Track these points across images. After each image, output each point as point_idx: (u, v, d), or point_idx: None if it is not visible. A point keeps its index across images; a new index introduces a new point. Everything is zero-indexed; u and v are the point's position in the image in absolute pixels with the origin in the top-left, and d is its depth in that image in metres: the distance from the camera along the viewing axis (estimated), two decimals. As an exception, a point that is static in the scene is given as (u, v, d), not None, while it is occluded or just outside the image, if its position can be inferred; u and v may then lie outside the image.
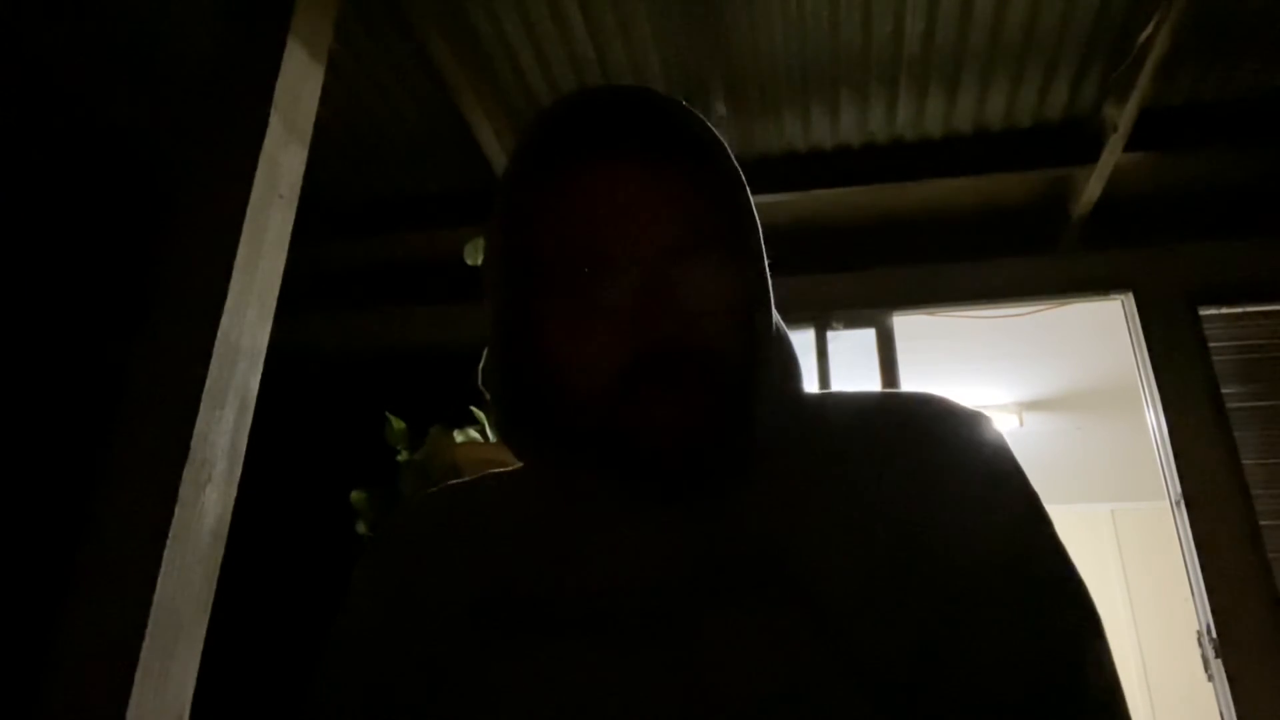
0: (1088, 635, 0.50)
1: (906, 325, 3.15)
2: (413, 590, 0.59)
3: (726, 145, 0.57)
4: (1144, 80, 2.29)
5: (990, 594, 0.50)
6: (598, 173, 0.55)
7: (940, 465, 0.54)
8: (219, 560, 1.41)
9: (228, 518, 1.43)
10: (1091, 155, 2.66)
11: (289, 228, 1.64)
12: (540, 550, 0.57)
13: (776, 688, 0.46)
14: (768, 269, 0.56)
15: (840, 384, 3.07)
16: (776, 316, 0.57)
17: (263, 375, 1.54)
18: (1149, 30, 2.19)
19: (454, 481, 0.68)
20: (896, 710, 0.46)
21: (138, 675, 1.21)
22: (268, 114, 1.59)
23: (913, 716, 0.47)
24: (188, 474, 1.34)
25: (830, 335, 3.09)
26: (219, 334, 1.43)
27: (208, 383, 1.39)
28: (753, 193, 0.58)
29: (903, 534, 0.51)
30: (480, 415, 2.00)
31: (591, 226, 0.54)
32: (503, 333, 0.58)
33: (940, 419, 0.57)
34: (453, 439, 1.86)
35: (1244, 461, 2.73)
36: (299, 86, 1.69)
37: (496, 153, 2.62)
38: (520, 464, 0.66)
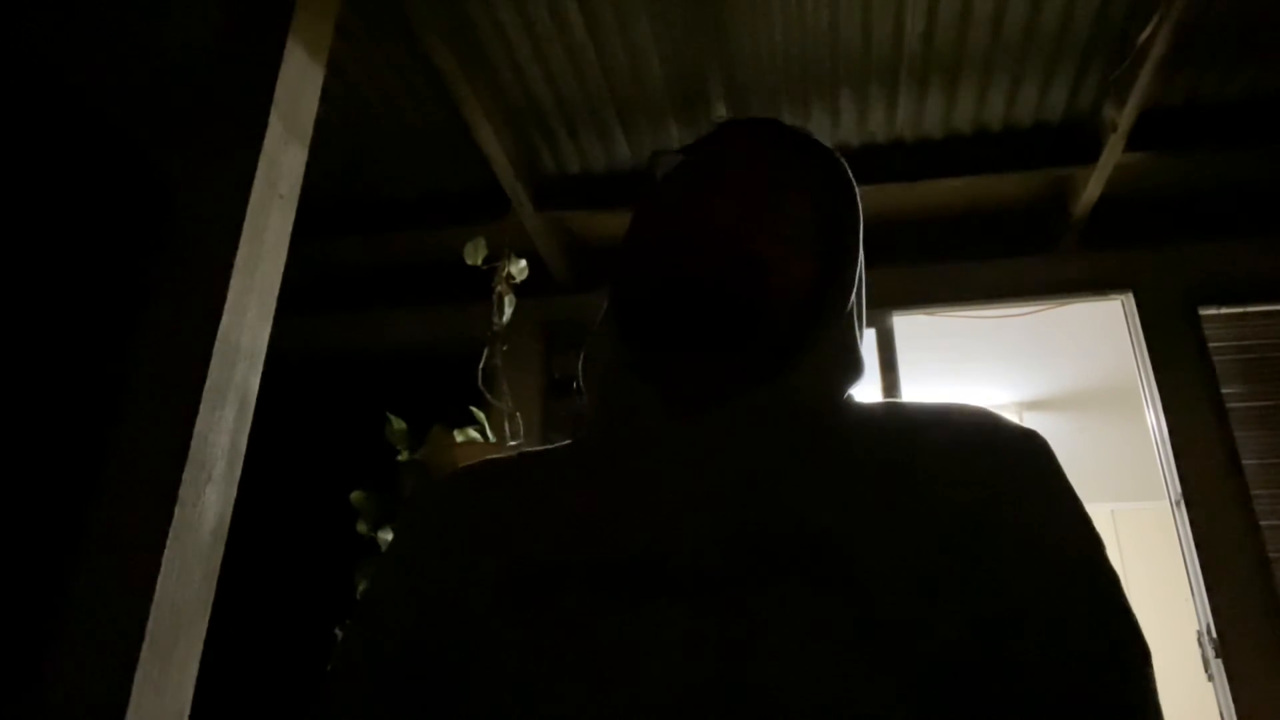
0: (1139, 659, 0.50)
1: (906, 325, 3.14)
2: (445, 559, 0.60)
3: (851, 180, 0.69)
4: (1144, 80, 2.29)
5: (1042, 609, 0.50)
6: (748, 141, 0.66)
7: (995, 478, 0.54)
8: (219, 560, 1.41)
9: (228, 518, 1.43)
10: (1091, 155, 2.65)
11: (289, 228, 1.64)
12: (580, 517, 0.57)
13: (811, 670, 0.46)
14: (857, 289, 0.66)
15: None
16: (856, 344, 0.65)
17: (263, 375, 1.54)
18: (1149, 30, 2.19)
19: (493, 456, 0.70)
20: (931, 708, 0.46)
21: (138, 675, 1.21)
22: (268, 114, 1.58)
23: (948, 717, 0.46)
24: (188, 474, 1.33)
25: (830, 335, 3.08)
26: (219, 334, 1.42)
27: (208, 383, 1.39)
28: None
29: (954, 540, 0.51)
30: (480, 415, 2.00)
31: (713, 153, 0.65)
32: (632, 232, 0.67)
33: (997, 434, 0.58)
34: (453, 439, 1.87)
35: (1244, 461, 2.73)
36: (299, 86, 1.69)
37: (497, 152, 2.62)
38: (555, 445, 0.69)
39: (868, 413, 0.63)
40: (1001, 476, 0.54)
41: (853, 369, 0.64)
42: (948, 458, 0.55)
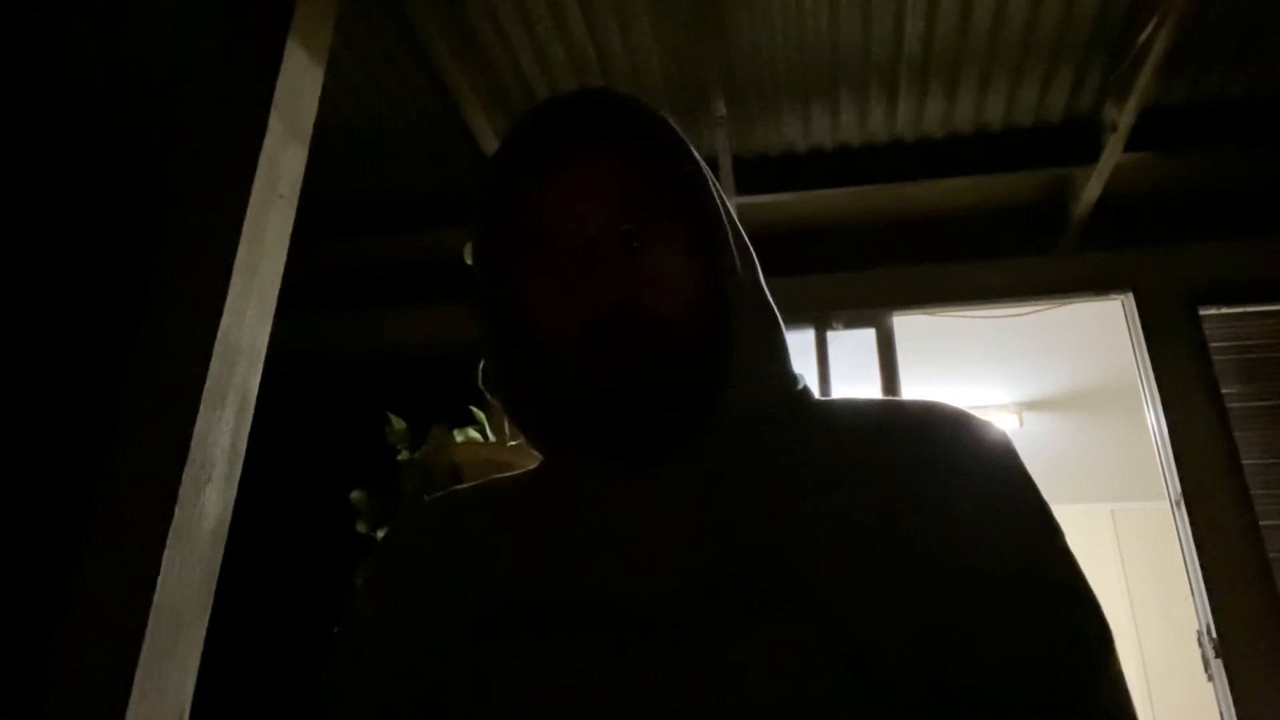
0: (1101, 648, 0.49)
1: (906, 325, 3.15)
2: (419, 598, 0.59)
3: (675, 128, 0.61)
4: (1144, 80, 2.29)
5: (1002, 604, 0.49)
6: (557, 163, 0.60)
7: (951, 474, 0.54)
8: (219, 560, 1.41)
9: (228, 518, 1.43)
10: (1091, 155, 2.66)
11: (289, 228, 1.64)
12: (547, 556, 0.57)
13: (786, 696, 0.46)
14: (734, 242, 0.60)
15: (841, 384, 3.07)
16: (765, 295, 0.62)
17: (263, 375, 1.54)
18: (1149, 30, 2.19)
19: (459, 487, 0.69)
20: None
21: (138, 675, 1.21)
22: (268, 114, 1.58)
23: None
24: (188, 474, 1.34)
25: (830, 335, 3.09)
26: (219, 334, 1.42)
27: (208, 383, 1.39)
28: (752, 193, 0.60)
29: (914, 543, 0.51)
30: (480, 415, 2.00)
31: (549, 210, 0.59)
32: (490, 308, 0.64)
33: (950, 427, 0.57)
34: (453, 439, 1.86)
35: (1244, 461, 2.73)
36: (299, 86, 1.69)
37: (496, 153, 2.62)
38: (524, 468, 0.68)
39: (822, 420, 0.61)
40: (954, 476, 0.54)
41: (780, 379, 0.62)
42: (899, 460, 0.55)
